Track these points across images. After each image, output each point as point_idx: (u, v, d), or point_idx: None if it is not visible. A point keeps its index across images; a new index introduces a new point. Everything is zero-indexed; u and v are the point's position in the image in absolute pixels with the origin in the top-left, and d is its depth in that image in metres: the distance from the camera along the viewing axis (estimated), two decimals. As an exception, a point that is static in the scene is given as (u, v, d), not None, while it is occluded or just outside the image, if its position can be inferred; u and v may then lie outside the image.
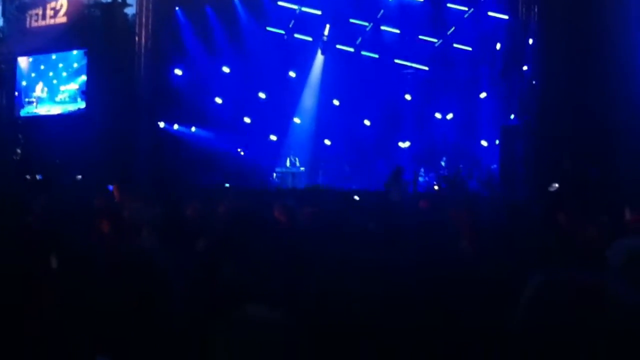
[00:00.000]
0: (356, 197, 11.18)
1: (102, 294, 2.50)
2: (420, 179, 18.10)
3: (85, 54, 18.38)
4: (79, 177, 16.15)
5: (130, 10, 18.24)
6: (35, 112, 19.43)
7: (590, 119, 12.03)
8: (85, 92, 18.22)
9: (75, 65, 18.88)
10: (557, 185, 11.88)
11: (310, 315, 3.02)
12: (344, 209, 7.34)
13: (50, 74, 19.65)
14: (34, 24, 19.21)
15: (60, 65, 19.37)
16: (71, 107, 18.80)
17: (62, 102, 19.16)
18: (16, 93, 19.75)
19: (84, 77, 18.45)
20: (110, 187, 9.28)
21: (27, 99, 19.68)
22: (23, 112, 19.70)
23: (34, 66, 19.91)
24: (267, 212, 5.82)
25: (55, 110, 19.20)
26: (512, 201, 10.30)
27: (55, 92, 19.41)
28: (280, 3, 19.36)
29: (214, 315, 2.22)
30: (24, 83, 19.86)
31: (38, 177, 14.43)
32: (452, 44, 18.75)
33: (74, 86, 18.94)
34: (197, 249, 4.30)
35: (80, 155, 16.31)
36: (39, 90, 19.70)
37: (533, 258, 3.96)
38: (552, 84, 12.88)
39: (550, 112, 12.73)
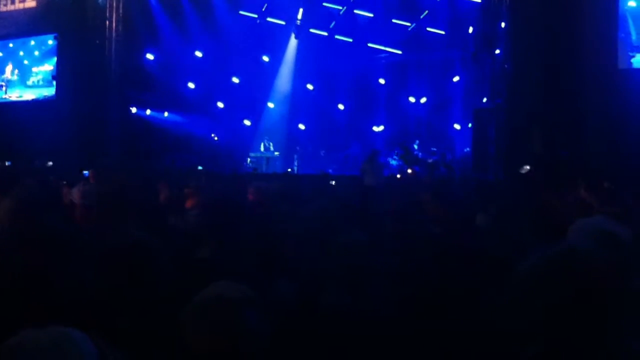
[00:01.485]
0: (332, 182, 11.20)
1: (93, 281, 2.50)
2: (393, 162, 18.18)
3: (55, 38, 18.08)
4: (50, 163, 15.95)
5: (100, -6, 18.01)
6: (5, 99, 19.05)
7: (560, 102, 12.18)
8: (56, 77, 17.94)
9: (50, 42, 18.38)
10: (528, 167, 12.02)
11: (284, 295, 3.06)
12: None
13: (21, 53, 19.13)
14: (3, 9, 18.87)
15: (32, 43, 18.88)
16: (46, 92, 18.33)
17: (34, 86, 18.70)
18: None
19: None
20: (86, 172, 9.20)
21: None
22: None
23: (2, 47, 19.47)
24: (240, 195, 5.82)
25: (27, 95, 18.79)
26: (483, 181, 10.42)
27: (27, 74, 18.94)
28: (253, -14, 19.26)
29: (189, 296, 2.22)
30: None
31: (7, 163, 14.21)
32: (426, 27, 18.79)
33: (48, 67, 18.44)
34: (173, 231, 4.33)
35: (51, 141, 16.10)
36: (9, 72, 19.22)
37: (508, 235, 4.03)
38: (523, 67, 13.00)
39: (522, 95, 12.86)
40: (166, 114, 18.69)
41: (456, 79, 18.76)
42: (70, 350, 1.58)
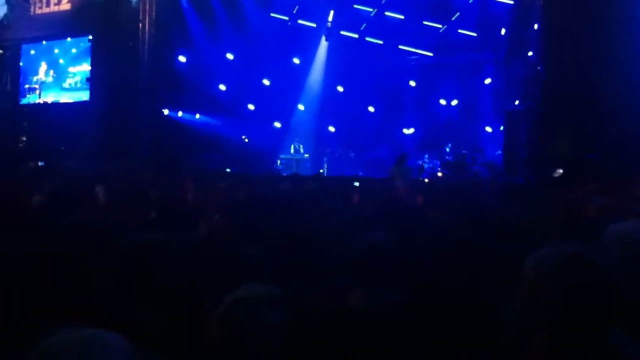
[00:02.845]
0: (356, 184, 11.17)
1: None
2: (425, 165, 18.11)
3: (89, 41, 18.32)
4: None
5: (134, -3, 18.22)
6: (39, 102, 19.23)
7: (593, 105, 12.01)
8: (90, 79, 18.18)
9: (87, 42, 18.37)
10: (561, 170, 11.88)
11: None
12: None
13: (56, 51, 19.07)
14: (38, 11, 19.15)
15: (69, 39, 18.86)
16: (84, 96, 18.19)
17: (71, 89, 18.71)
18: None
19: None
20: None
21: (27, 86, 19.31)
22: (24, 101, 19.33)
23: (34, 45, 19.48)
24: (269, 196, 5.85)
25: (64, 99, 18.80)
26: (513, 183, 10.32)
27: (63, 75, 18.95)
28: (284, -11, 19.35)
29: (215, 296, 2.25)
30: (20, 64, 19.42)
31: (40, 163, 14.41)
32: (457, 29, 18.70)
33: (86, 67, 18.36)
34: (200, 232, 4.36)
35: (84, 142, 16.32)
36: (43, 73, 19.25)
37: (533, 238, 3.98)
38: (556, 69, 12.84)
39: (554, 98, 12.70)
40: (198, 115, 18.83)
41: (487, 81, 18.62)
42: (102, 352, 1.59)
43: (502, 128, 16.26)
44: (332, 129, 20.74)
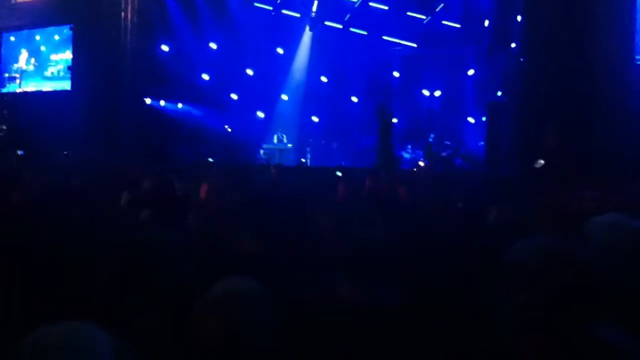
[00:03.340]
0: (338, 173, 11.19)
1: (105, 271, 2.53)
2: (407, 155, 18.16)
3: (71, 29, 18.10)
4: (66, 153, 16.03)
5: (116, -15, 17.99)
6: (19, 91, 18.99)
7: (575, 96, 12.09)
8: (72, 68, 17.98)
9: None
10: (542, 162, 11.95)
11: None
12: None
13: (37, 37, 18.71)
14: (19, 0, 18.91)
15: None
16: (66, 85, 17.94)
17: (53, 78, 18.42)
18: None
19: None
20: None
21: (7, 75, 18.96)
22: (4, 90, 18.96)
23: (16, 35, 19.04)
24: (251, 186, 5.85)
25: (46, 88, 18.52)
26: (496, 175, 10.39)
27: (44, 63, 18.64)
28: (267, -22, 19.25)
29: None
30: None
31: (20, 152, 14.28)
32: (441, 20, 18.72)
33: (69, 55, 18.02)
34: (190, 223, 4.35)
35: (66, 132, 16.16)
36: (23, 61, 18.93)
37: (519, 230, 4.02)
38: (539, 61, 12.90)
39: (537, 89, 12.77)
40: (180, 105, 18.72)
41: (471, 72, 18.68)
42: (86, 346, 1.60)
43: (484, 119, 16.34)
44: (315, 119, 20.72)
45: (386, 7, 19.15)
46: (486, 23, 17.22)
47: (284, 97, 20.93)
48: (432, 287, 2.94)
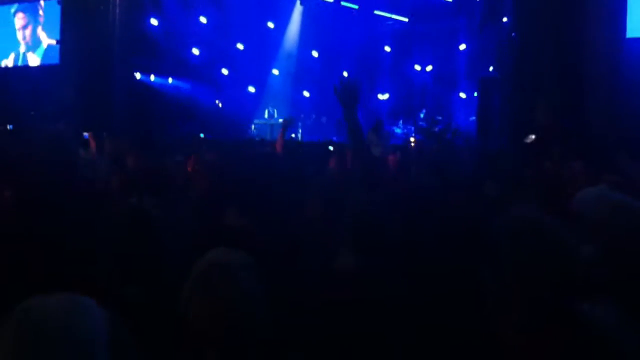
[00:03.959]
0: (330, 148, 11.19)
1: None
2: (398, 130, 18.16)
3: (59, 3, 17.89)
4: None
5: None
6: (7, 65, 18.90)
7: (567, 71, 12.09)
8: (60, 42, 17.82)
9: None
10: (533, 136, 11.97)
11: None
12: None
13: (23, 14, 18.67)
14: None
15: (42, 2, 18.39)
16: (54, 59, 17.85)
17: (41, 52, 18.38)
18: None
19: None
20: (86, 135, 9.18)
21: None
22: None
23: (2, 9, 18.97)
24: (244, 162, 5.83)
25: (33, 62, 18.57)
26: (487, 150, 10.41)
27: (32, 37, 18.56)
28: (258, -49, 19.03)
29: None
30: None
31: (9, 127, 14.19)
32: (432, -6, 18.61)
33: (56, 29, 17.90)
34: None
35: (56, 106, 16.05)
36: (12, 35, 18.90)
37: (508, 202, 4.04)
38: (530, 36, 12.87)
39: (528, 64, 12.75)
40: (170, 80, 18.60)
41: (462, 47, 18.61)
42: (80, 317, 1.60)
43: (475, 94, 16.33)
44: (306, 94, 20.65)
45: (377, -19, 19.03)
46: (477, -4, 17.15)
47: (275, 71, 20.82)
48: (431, 262, 2.96)
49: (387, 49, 20.06)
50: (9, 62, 18.94)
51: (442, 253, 2.89)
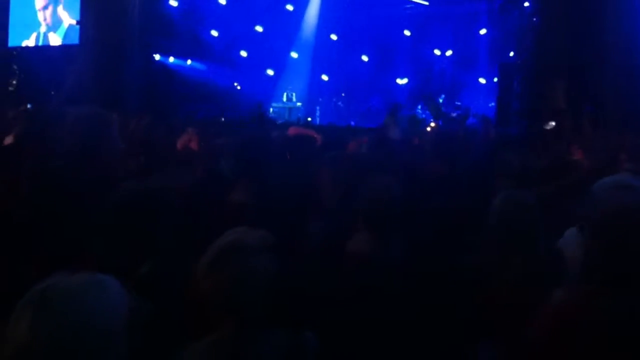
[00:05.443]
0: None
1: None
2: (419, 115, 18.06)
3: (79, -17, 17.90)
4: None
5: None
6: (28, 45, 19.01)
7: (588, 57, 11.94)
8: (80, 23, 17.86)
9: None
10: (554, 123, 11.86)
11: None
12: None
13: None
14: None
15: None
16: (74, 39, 17.86)
17: (61, 32, 18.42)
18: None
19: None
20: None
21: (16, 29, 18.96)
22: (13, 43, 19.06)
23: None
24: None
25: (54, 42, 18.64)
26: (505, 134, 10.34)
27: (53, 17, 18.60)
28: None
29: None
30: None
31: (28, 106, 14.28)
32: (453, -24, 18.43)
33: (76, 9, 17.91)
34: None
35: (75, 87, 16.11)
36: (33, 15, 18.92)
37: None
38: (551, 21, 12.71)
39: (549, 50, 12.60)
40: (189, 61, 18.60)
41: (483, 31, 18.44)
42: (101, 295, 1.60)
43: (495, 80, 16.19)
44: (325, 77, 20.58)
45: (398, -36, 18.85)
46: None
47: (294, 54, 20.74)
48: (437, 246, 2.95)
49: (407, 32, 19.92)
50: (30, 42, 19.02)
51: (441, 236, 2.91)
